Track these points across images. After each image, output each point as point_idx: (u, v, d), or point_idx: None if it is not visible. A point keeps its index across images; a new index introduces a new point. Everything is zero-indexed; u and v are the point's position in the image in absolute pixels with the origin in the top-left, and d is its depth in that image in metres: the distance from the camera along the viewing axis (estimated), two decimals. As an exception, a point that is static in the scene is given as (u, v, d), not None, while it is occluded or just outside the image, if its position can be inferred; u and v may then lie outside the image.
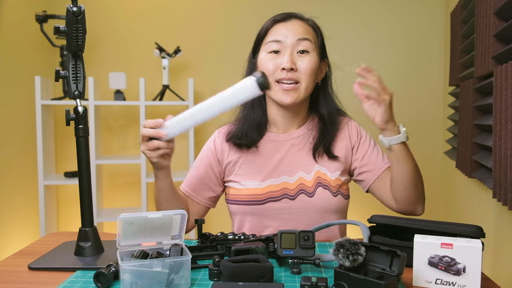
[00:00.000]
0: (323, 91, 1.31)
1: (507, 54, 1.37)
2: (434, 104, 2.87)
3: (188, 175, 1.33)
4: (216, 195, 1.32)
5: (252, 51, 1.30)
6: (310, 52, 1.22)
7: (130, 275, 0.82)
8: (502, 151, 1.28)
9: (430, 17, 2.86)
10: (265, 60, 1.23)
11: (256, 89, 1.03)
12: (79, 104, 1.01)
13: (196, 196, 1.30)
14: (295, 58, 1.21)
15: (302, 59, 1.21)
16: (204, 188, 1.30)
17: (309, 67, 1.21)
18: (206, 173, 1.30)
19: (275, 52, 1.22)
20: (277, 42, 1.21)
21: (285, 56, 1.20)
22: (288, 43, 1.21)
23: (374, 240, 0.98)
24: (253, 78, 1.03)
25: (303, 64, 1.20)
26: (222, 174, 1.31)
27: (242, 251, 0.95)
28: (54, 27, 0.98)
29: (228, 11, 2.94)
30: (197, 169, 1.32)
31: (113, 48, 2.96)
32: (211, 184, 1.30)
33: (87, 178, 1.03)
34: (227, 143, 1.30)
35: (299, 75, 1.21)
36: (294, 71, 1.20)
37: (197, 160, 1.34)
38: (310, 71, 1.21)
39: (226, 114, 1.35)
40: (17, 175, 2.57)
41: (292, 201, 1.23)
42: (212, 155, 1.31)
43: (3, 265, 1.00)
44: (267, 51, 1.23)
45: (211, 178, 1.30)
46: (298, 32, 1.22)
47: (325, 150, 1.27)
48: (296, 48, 1.21)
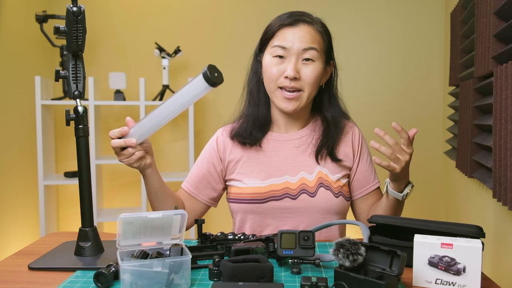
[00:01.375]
0: (328, 93, 1.30)
1: (507, 54, 1.37)
2: (434, 104, 2.87)
3: (190, 173, 1.33)
4: (217, 194, 1.33)
5: (259, 48, 1.29)
6: (315, 60, 1.21)
7: (130, 275, 0.82)
8: (502, 151, 1.28)
9: (430, 17, 2.86)
10: (269, 64, 1.22)
11: (207, 86, 0.98)
12: (79, 104, 1.01)
13: (197, 194, 1.30)
14: (299, 66, 1.20)
15: (306, 67, 1.20)
16: (205, 186, 1.31)
17: (313, 76, 1.20)
18: (208, 171, 1.30)
19: (279, 57, 1.21)
20: (282, 48, 1.20)
21: (290, 64, 1.19)
22: (294, 50, 1.19)
23: (374, 240, 0.98)
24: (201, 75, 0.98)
25: (307, 72, 1.20)
26: (224, 172, 1.31)
27: (242, 251, 0.95)
28: (54, 27, 0.98)
29: (228, 11, 2.95)
30: (198, 167, 1.32)
31: (113, 48, 2.96)
32: (212, 182, 1.31)
33: (87, 178, 1.03)
34: (230, 142, 1.30)
35: (302, 84, 1.20)
36: (297, 80, 1.20)
37: (199, 158, 1.34)
38: (313, 80, 1.21)
39: (229, 113, 1.36)
40: (17, 175, 2.57)
41: (293, 200, 1.23)
42: (214, 153, 1.31)
43: (3, 265, 1.00)
44: (272, 55, 1.22)
45: (213, 175, 1.30)
46: (305, 41, 1.20)
47: (328, 153, 1.27)
48: (301, 56, 1.20)
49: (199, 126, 2.97)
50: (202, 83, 0.98)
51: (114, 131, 1.08)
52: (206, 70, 0.96)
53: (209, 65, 0.97)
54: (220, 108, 2.98)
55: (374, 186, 1.32)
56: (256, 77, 1.30)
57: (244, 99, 1.33)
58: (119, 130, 1.08)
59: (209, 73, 0.96)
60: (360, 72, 2.91)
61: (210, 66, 0.97)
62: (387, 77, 2.92)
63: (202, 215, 1.33)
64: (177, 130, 3.02)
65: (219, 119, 2.94)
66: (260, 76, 1.28)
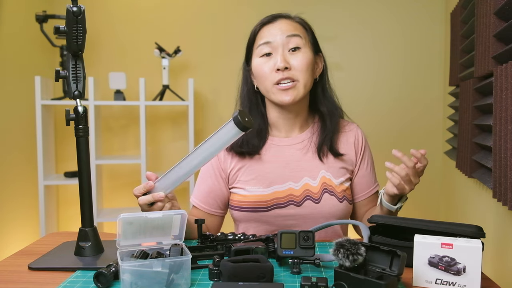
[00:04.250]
0: (321, 87, 1.30)
1: (507, 54, 1.37)
2: (434, 104, 2.87)
3: (197, 189, 1.31)
4: (228, 203, 1.31)
5: (245, 59, 1.29)
6: (302, 48, 1.21)
7: (130, 275, 0.82)
8: (502, 151, 1.28)
9: (430, 17, 2.86)
10: (259, 64, 1.22)
11: (238, 131, 0.97)
12: (79, 104, 1.01)
13: (209, 209, 1.29)
14: (288, 57, 1.19)
15: (294, 56, 1.20)
16: (216, 199, 1.29)
17: (303, 63, 1.19)
18: (214, 184, 1.28)
19: (267, 55, 1.21)
20: (267, 44, 1.20)
21: (277, 56, 1.19)
22: (278, 42, 1.19)
23: (374, 240, 0.98)
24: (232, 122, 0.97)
25: (297, 61, 1.19)
26: (227, 180, 1.29)
27: (242, 251, 0.95)
28: (54, 27, 0.97)
29: (228, 11, 2.95)
30: (204, 181, 1.30)
31: (113, 48, 2.96)
32: (220, 194, 1.29)
33: (87, 178, 1.03)
34: (229, 154, 1.28)
35: (295, 73, 1.19)
36: (288, 70, 1.19)
37: (202, 172, 1.31)
38: (305, 67, 1.20)
39: (229, 113, 1.35)
40: (17, 175, 2.57)
41: (298, 207, 1.22)
42: (216, 164, 1.28)
43: (3, 265, 1.00)
44: (259, 55, 1.22)
45: (221, 187, 1.28)
46: (286, 30, 1.20)
47: (329, 149, 1.26)
48: (287, 46, 1.20)
49: (199, 126, 2.97)
50: (233, 128, 0.97)
51: (139, 188, 1.03)
52: (237, 115, 0.95)
53: (239, 110, 0.97)
54: (220, 108, 2.98)
55: (373, 191, 1.32)
56: (246, 88, 1.29)
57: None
58: (143, 186, 1.03)
59: (240, 118, 0.95)
60: (360, 73, 2.91)
61: (240, 112, 0.96)
62: (387, 77, 2.92)
63: (219, 227, 1.32)
64: (177, 130, 3.02)
65: (219, 119, 2.95)
66: (251, 86, 1.28)
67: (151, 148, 2.98)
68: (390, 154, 1.08)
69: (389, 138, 2.86)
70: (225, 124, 0.97)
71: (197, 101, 2.94)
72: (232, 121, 0.96)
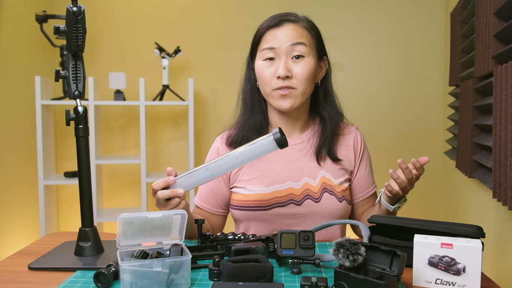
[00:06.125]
0: (323, 90, 1.29)
1: (507, 54, 1.37)
2: (434, 104, 2.87)
3: (199, 189, 1.32)
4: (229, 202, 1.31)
5: (250, 55, 1.30)
6: (305, 56, 1.20)
7: (130, 275, 0.82)
8: (502, 151, 1.28)
9: (430, 17, 2.86)
10: (261, 68, 1.22)
11: (275, 146, 1.01)
12: (79, 104, 1.01)
13: (211, 208, 1.30)
14: (290, 64, 1.19)
15: (297, 64, 1.19)
16: (217, 198, 1.30)
17: (304, 73, 1.19)
18: (215, 184, 1.29)
19: (270, 59, 1.21)
20: (271, 49, 1.20)
21: (280, 63, 1.19)
22: (282, 49, 1.19)
23: (374, 240, 0.98)
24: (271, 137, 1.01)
25: (299, 70, 1.19)
26: (228, 180, 1.30)
27: (242, 251, 0.95)
28: (54, 27, 0.98)
29: (228, 11, 2.94)
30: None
31: (113, 48, 2.96)
32: (221, 194, 1.30)
33: (87, 178, 1.03)
34: (229, 149, 1.28)
35: (295, 82, 1.19)
36: (289, 78, 1.19)
37: None
38: (306, 76, 1.20)
39: (229, 113, 1.35)
40: (17, 175, 2.57)
41: (298, 206, 1.22)
42: None
43: (3, 265, 1.00)
44: (262, 59, 1.22)
45: (222, 187, 1.29)
46: (292, 37, 1.19)
47: (327, 152, 1.27)
48: (291, 53, 1.19)
49: (199, 126, 2.97)
50: (271, 143, 1.01)
51: (158, 182, 1.03)
52: (278, 131, 1.00)
53: (279, 128, 1.01)
54: (220, 108, 2.98)
55: (371, 192, 1.32)
56: (249, 84, 1.29)
57: (239, 107, 1.32)
58: (163, 180, 1.03)
59: (280, 135, 1.00)
60: (360, 73, 2.91)
61: (280, 129, 1.01)
62: (388, 77, 2.92)
63: (221, 226, 1.33)
64: (177, 130, 3.02)
65: (219, 119, 2.95)
66: (254, 83, 1.28)
67: (151, 148, 2.98)
68: (390, 153, 1.09)
69: (389, 138, 2.86)
70: (263, 137, 1.02)
71: (197, 101, 2.94)
72: (272, 136, 1.01)
